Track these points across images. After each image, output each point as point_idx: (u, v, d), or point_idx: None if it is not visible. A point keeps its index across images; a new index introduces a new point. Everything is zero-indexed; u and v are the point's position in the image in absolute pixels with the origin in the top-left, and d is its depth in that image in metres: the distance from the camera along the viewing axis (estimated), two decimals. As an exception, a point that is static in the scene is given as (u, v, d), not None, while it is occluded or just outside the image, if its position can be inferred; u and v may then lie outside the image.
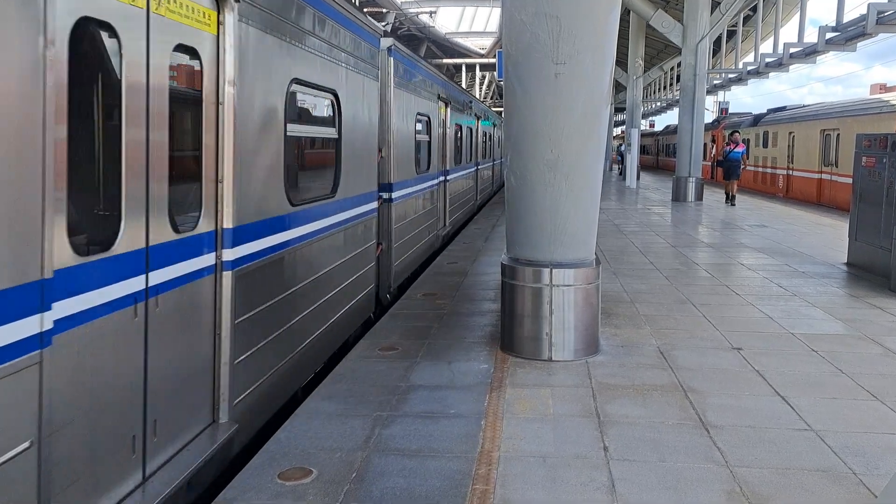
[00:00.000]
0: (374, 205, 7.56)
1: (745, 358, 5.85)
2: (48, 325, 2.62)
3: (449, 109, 13.42)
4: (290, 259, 5.03)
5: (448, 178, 13.40)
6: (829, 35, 18.94)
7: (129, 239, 3.18)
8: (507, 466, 3.86)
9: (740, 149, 21.12)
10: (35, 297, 2.55)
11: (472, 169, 17.80)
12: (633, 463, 3.92)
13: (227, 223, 4.04)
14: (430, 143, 11.37)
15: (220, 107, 3.99)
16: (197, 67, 3.80)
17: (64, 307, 2.74)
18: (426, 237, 11.20)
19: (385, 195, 8.42)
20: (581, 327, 5.75)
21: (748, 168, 27.64)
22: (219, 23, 3.96)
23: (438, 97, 12.18)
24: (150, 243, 3.35)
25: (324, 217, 5.76)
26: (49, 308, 2.62)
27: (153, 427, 3.42)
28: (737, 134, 21.77)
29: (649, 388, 5.12)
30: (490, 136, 22.84)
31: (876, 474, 3.81)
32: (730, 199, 20.88)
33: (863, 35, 17.32)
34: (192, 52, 3.73)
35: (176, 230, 3.57)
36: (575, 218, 5.78)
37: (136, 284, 3.24)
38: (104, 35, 3.00)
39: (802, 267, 10.21)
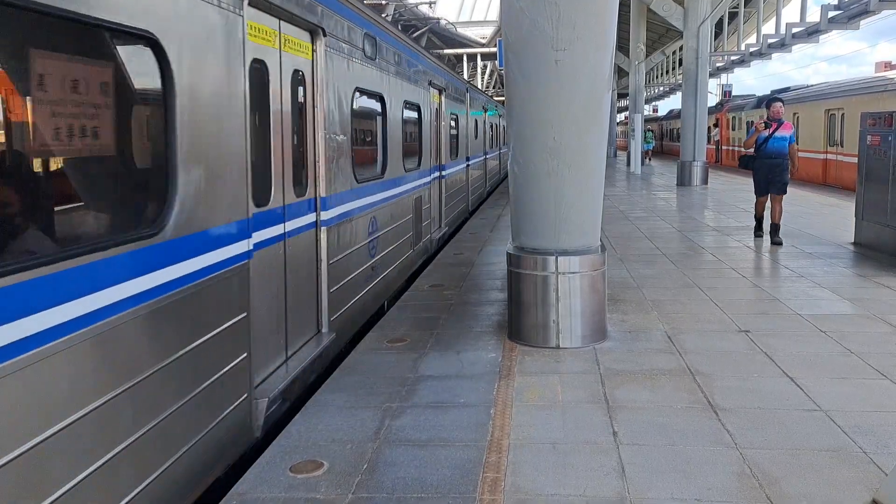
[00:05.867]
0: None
1: (753, 340, 5.85)
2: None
3: (488, 112, 21.30)
4: None
5: (487, 156, 21.47)
6: (831, 13, 18.78)
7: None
8: (518, 454, 3.89)
9: (786, 131, 10.61)
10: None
11: (496, 152, 26.36)
12: (643, 447, 3.94)
13: None
14: (478, 133, 19.46)
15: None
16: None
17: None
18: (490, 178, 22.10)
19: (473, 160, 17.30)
20: (588, 314, 5.76)
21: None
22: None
23: (483, 107, 20.03)
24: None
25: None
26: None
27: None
28: (779, 105, 10.76)
29: (657, 372, 5.13)
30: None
31: (886, 453, 3.81)
32: (767, 230, 10.95)
33: (866, 13, 17.17)
34: None
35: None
36: (579, 205, 5.77)
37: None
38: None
39: (809, 248, 10.18)
